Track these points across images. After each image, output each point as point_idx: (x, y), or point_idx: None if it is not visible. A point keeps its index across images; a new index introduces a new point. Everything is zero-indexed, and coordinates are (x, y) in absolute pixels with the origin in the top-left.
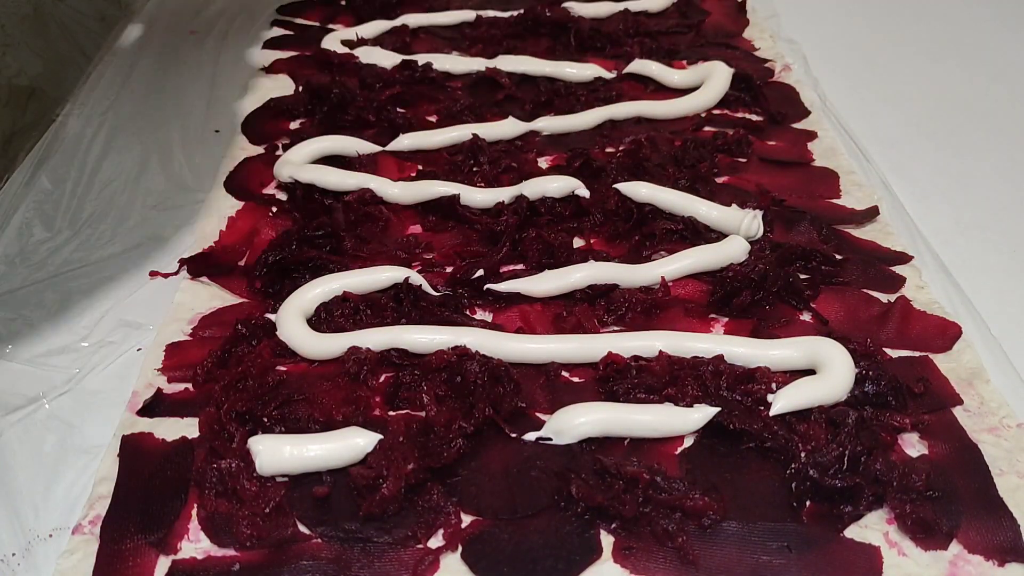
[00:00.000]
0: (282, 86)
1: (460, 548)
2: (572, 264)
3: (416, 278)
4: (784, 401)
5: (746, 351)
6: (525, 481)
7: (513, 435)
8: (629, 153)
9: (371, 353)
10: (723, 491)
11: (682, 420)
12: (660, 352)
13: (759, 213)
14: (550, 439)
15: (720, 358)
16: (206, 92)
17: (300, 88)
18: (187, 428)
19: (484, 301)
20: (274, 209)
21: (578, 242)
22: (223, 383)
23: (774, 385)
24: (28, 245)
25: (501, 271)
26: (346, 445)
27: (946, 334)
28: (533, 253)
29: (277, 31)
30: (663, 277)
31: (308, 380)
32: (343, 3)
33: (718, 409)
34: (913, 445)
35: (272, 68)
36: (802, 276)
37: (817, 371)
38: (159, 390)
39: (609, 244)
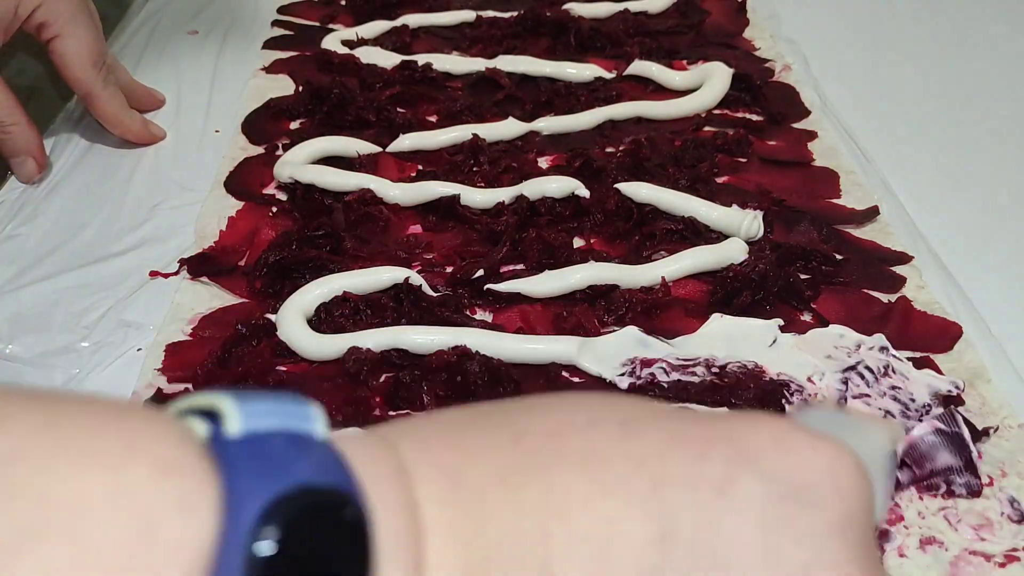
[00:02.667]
0: (282, 86)
1: None
2: (572, 264)
3: (416, 278)
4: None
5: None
6: None
7: None
8: (629, 153)
9: (371, 353)
10: None
11: None
12: None
13: (759, 214)
14: None
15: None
16: (206, 92)
17: (300, 88)
18: None
19: (484, 301)
20: (274, 209)
21: (578, 242)
22: (223, 383)
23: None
24: (28, 245)
25: (501, 271)
26: None
27: (947, 334)
28: (533, 253)
29: (277, 31)
30: (663, 277)
31: (308, 381)
32: (343, 3)
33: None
34: None
35: (272, 68)
36: (802, 276)
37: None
38: (159, 390)
39: (609, 244)
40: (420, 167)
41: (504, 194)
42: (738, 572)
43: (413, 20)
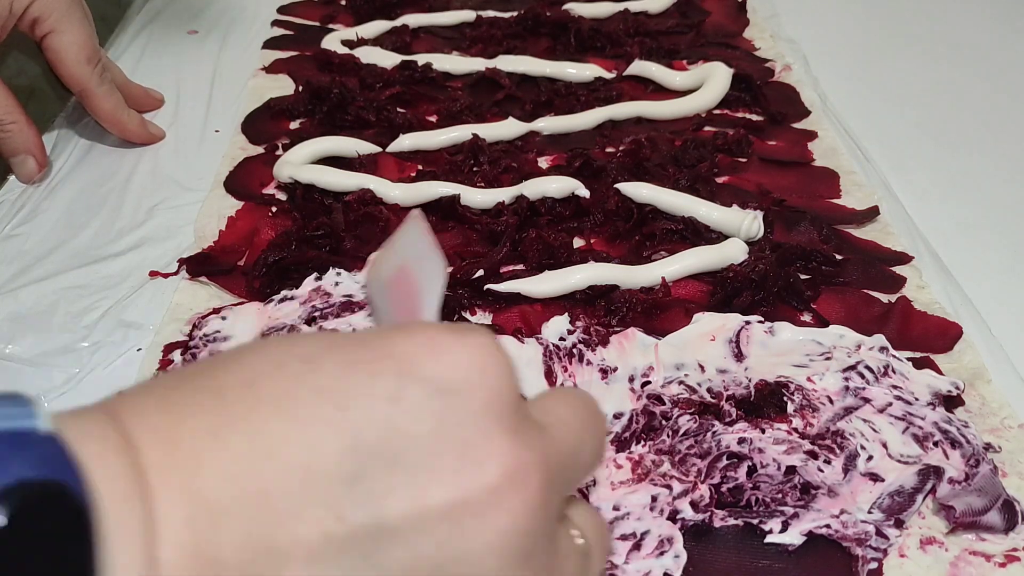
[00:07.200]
0: (282, 86)
1: None
2: (572, 264)
3: None
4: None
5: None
6: None
7: None
8: (629, 153)
9: None
10: None
11: None
12: None
13: (759, 214)
14: None
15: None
16: (206, 92)
17: (300, 88)
18: None
19: (484, 301)
20: (274, 209)
21: (578, 242)
22: None
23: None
24: (28, 245)
25: (501, 271)
26: None
27: (947, 334)
28: (533, 253)
29: (277, 31)
30: (663, 278)
31: None
32: (343, 3)
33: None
34: None
35: (272, 68)
36: (802, 276)
37: None
38: None
39: (609, 244)
40: (420, 167)
41: (504, 194)
42: (414, 459)
43: (413, 20)
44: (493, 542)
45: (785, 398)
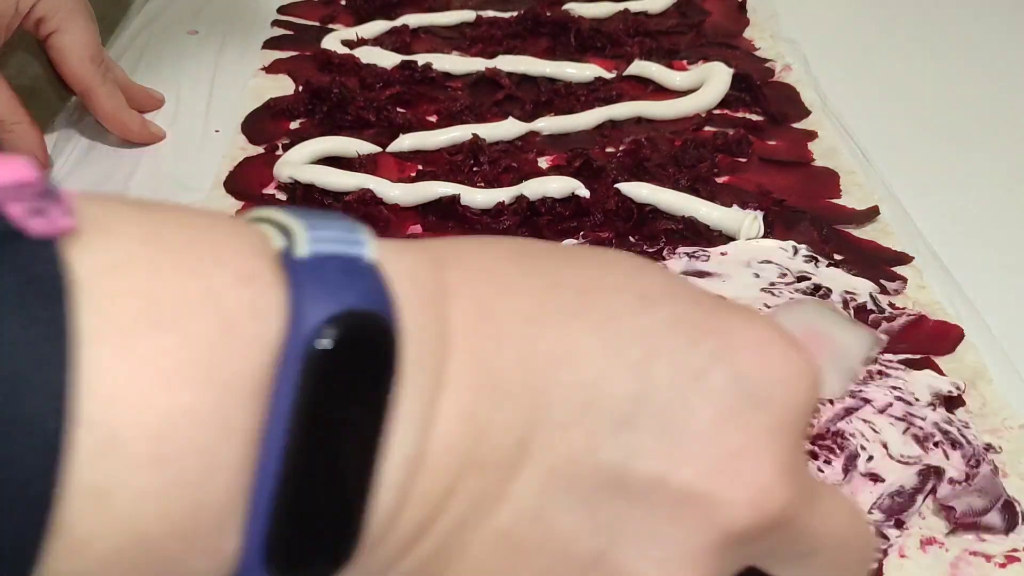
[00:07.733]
0: (282, 86)
1: None
2: None
3: None
4: None
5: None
6: None
7: None
8: (629, 153)
9: None
10: None
11: None
12: None
13: (759, 214)
14: None
15: None
16: (206, 92)
17: (300, 88)
18: None
19: None
20: None
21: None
22: None
23: None
24: None
25: None
26: None
27: (948, 335)
28: None
29: (277, 31)
30: None
31: None
32: (343, 3)
33: None
34: None
35: (272, 68)
36: None
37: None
38: None
39: (609, 245)
40: (420, 167)
41: (504, 194)
42: (683, 436)
43: (413, 20)
44: (695, 543)
45: None
